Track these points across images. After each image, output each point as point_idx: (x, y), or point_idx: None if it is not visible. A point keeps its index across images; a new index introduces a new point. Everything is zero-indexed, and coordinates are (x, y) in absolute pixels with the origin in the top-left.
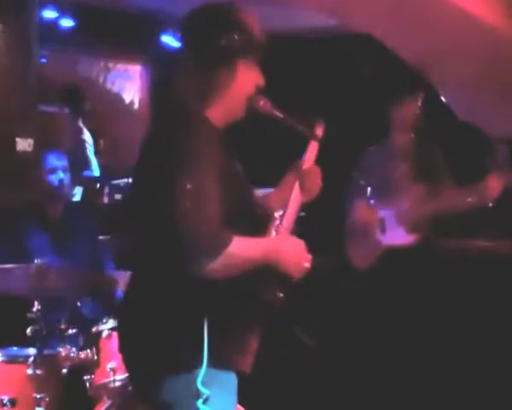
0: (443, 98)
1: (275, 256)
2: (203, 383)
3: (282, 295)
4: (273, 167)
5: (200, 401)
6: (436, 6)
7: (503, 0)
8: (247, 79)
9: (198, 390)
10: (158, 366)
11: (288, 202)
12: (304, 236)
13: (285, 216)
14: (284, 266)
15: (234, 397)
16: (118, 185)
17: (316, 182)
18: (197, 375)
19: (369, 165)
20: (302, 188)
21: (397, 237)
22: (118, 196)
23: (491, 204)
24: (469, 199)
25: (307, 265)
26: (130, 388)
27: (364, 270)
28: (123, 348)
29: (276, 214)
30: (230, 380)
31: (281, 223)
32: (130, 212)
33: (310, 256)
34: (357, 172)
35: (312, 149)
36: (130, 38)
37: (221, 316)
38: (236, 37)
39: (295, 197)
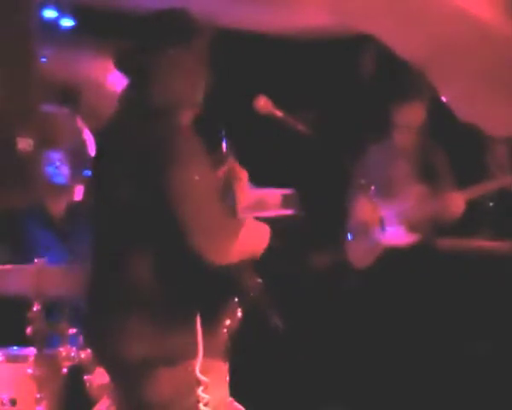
0: (443, 98)
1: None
2: (200, 373)
3: (259, 280)
4: (270, 166)
5: (201, 388)
6: (434, 3)
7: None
8: (207, 79)
9: (197, 379)
10: (153, 359)
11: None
12: (304, 235)
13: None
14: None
15: (227, 385)
16: None
17: (241, 172)
18: (194, 365)
19: (370, 164)
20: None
21: (397, 236)
22: None
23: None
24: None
25: None
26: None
27: (364, 269)
28: (107, 344)
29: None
30: (223, 368)
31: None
32: (102, 212)
33: None
34: (358, 171)
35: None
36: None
37: (208, 305)
38: (203, 42)
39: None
